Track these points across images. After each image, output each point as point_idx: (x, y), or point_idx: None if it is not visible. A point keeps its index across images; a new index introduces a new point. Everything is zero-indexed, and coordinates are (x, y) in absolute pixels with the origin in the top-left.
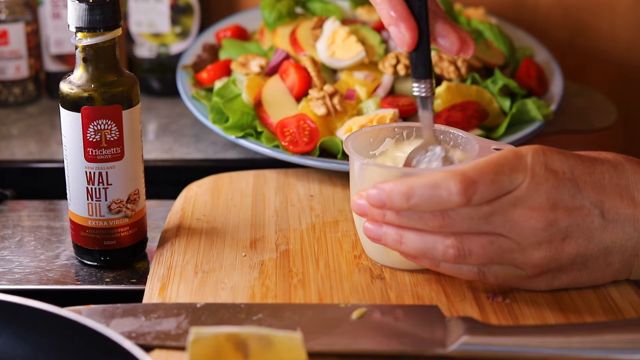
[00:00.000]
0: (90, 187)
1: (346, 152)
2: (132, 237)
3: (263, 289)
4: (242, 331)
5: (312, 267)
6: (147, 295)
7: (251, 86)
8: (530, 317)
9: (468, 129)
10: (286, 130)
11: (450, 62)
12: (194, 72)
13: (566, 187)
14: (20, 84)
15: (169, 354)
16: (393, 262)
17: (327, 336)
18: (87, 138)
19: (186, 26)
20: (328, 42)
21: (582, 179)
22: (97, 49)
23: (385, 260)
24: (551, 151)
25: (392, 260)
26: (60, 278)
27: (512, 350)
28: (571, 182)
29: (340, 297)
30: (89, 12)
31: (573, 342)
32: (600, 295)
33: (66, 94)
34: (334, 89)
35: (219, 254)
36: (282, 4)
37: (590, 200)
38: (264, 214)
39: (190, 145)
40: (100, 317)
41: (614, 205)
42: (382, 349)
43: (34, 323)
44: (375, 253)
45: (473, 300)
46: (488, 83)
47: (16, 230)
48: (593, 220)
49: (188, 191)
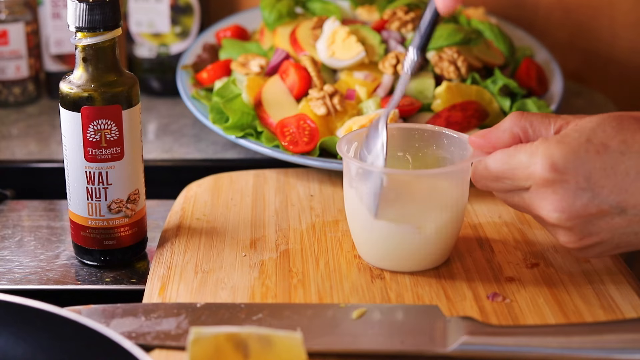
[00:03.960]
0: (90, 187)
1: (340, 154)
2: (132, 237)
3: (263, 288)
4: (242, 331)
5: (312, 267)
6: (147, 295)
7: (251, 86)
8: (530, 317)
9: (468, 129)
10: (286, 130)
11: (450, 62)
12: (194, 72)
13: (578, 197)
14: (20, 84)
15: (169, 354)
16: (389, 265)
17: (327, 336)
18: (87, 138)
19: (186, 26)
20: (328, 42)
21: (599, 184)
22: (97, 49)
23: (381, 262)
24: (565, 155)
25: (389, 264)
26: (60, 278)
27: (512, 350)
28: (585, 190)
29: (340, 297)
30: (89, 12)
31: (573, 342)
32: (600, 295)
33: (66, 94)
34: (334, 89)
35: (219, 254)
36: (282, 4)
37: (609, 203)
38: (264, 213)
39: (190, 145)
40: (100, 317)
41: (639, 202)
42: (382, 349)
43: (34, 323)
44: (370, 255)
45: (473, 300)
46: (488, 83)
47: (16, 230)
48: (613, 218)
49: (188, 191)
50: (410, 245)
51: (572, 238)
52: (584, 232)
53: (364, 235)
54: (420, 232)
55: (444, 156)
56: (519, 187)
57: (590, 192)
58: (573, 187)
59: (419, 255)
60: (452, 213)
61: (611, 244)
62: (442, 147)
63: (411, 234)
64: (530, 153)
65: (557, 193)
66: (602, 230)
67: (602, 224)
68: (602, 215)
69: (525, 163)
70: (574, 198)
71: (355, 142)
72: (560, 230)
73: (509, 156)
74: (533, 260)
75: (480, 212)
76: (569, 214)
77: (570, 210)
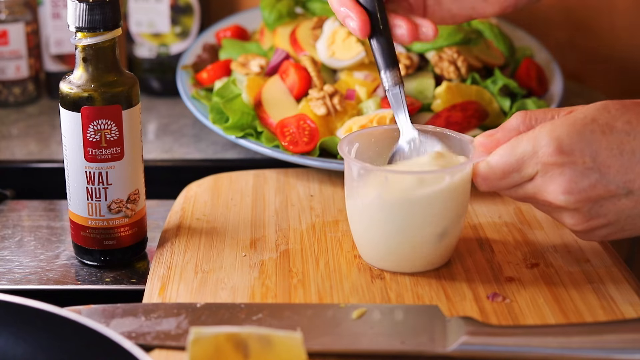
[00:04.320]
0: (90, 187)
1: (342, 155)
2: (132, 237)
3: (263, 288)
4: (242, 331)
5: (312, 267)
6: (147, 295)
7: (251, 86)
8: (530, 317)
9: (468, 129)
10: (286, 130)
11: (450, 62)
12: (194, 72)
13: (586, 177)
14: (20, 84)
15: (169, 354)
16: (390, 265)
17: (327, 336)
18: (87, 138)
19: (186, 26)
20: (328, 42)
21: (606, 164)
22: (97, 49)
23: (382, 263)
24: (570, 136)
25: (389, 264)
26: (60, 278)
27: (512, 350)
28: (592, 170)
29: (340, 297)
30: (89, 12)
31: (573, 342)
32: (600, 295)
33: (66, 94)
34: (334, 89)
35: (219, 254)
36: (282, 4)
37: (616, 183)
38: (264, 214)
39: (190, 145)
40: (100, 317)
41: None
42: (382, 349)
43: (34, 323)
44: (371, 256)
45: (473, 300)
46: (488, 83)
47: (16, 230)
48: (620, 199)
49: (188, 191)
50: (412, 246)
51: (579, 220)
52: (591, 213)
53: (365, 236)
54: (422, 233)
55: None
56: (526, 178)
57: (597, 172)
58: (580, 167)
59: (421, 256)
60: (454, 214)
61: (617, 227)
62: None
63: (413, 235)
64: (534, 138)
65: (564, 174)
66: (609, 211)
67: (609, 206)
68: (610, 196)
69: (530, 150)
70: (582, 178)
71: (356, 142)
72: (567, 212)
73: (512, 147)
74: (533, 260)
75: (480, 212)
76: (577, 195)
77: (578, 191)
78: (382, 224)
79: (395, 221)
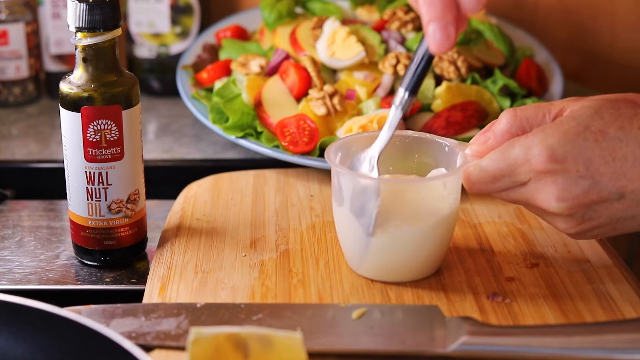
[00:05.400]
0: (90, 187)
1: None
2: (132, 237)
3: (263, 289)
4: (242, 331)
5: (312, 267)
6: (147, 295)
7: (251, 86)
8: (530, 317)
9: (468, 129)
10: (286, 130)
11: (450, 62)
12: (194, 72)
13: (579, 184)
14: (20, 84)
15: (169, 354)
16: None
17: (327, 336)
18: (87, 138)
19: (186, 26)
20: (328, 42)
21: (599, 171)
22: (97, 49)
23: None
24: (563, 144)
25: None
26: (60, 278)
27: (512, 350)
28: (585, 177)
29: (340, 297)
30: (88, 12)
31: (573, 342)
32: (600, 295)
33: (66, 94)
34: (334, 89)
35: (219, 254)
36: (282, 4)
37: (609, 189)
38: (264, 214)
39: (190, 145)
40: (100, 317)
41: (637, 187)
42: (382, 349)
43: (34, 323)
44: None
45: (473, 300)
46: (488, 83)
47: (16, 230)
48: (612, 203)
49: (188, 191)
50: (405, 257)
51: (572, 224)
52: (584, 217)
53: (358, 251)
54: (415, 242)
55: (427, 162)
56: (518, 183)
57: (590, 180)
58: (573, 175)
59: (415, 265)
60: (447, 221)
61: (608, 227)
62: (424, 154)
63: (405, 244)
64: (527, 146)
65: (557, 183)
66: (601, 215)
67: (601, 209)
68: (602, 201)
69: (523, 157)
70: (575, 186)
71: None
72: (560, 218)
73: (505, 152)
74: (533, 260)
75: (480, 212)
76: (570, 202)
77: (572, 198)
78: (374, 237)
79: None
